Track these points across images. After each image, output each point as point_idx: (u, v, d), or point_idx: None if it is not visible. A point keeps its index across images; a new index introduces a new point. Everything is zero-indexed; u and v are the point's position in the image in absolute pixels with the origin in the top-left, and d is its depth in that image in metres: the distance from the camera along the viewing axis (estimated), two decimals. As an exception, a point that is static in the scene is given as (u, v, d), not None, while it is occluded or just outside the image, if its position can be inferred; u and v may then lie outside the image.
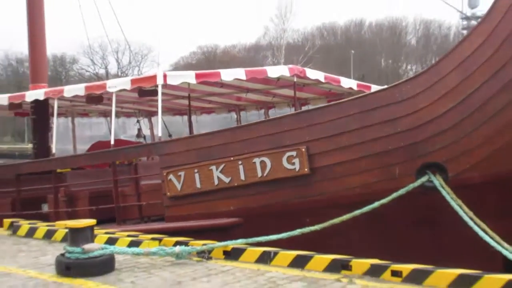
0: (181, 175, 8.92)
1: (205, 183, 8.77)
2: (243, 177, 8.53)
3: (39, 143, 13.82)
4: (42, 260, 7.46)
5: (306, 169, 8.16)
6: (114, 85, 10.24)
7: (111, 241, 7.82)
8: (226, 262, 7.00)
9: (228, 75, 9.87)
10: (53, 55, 69.22)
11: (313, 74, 10.64)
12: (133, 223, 9.92)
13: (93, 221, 6.89)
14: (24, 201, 11.27)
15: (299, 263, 6.57)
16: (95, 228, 7.00)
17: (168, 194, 9.07)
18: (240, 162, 8.52)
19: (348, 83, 11.84)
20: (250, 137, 8.55)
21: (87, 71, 76.53)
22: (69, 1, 20.97)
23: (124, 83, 10.20)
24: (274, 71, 10.14)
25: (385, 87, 8.48)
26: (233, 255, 7.15)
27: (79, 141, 17.14)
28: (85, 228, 6.68)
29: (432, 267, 5.79)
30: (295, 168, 8.22)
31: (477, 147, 7.41)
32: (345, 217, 7.42)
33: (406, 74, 68.48)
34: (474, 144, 7.41)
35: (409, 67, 76.82)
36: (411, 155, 7.69)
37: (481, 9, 55.56)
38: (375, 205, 7.36)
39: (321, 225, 7.39)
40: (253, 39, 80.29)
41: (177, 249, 7.05)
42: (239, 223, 8.61)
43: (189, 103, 12.98)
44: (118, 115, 15.47)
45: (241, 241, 7.27)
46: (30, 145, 25.17)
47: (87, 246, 6.54)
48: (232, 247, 7.21)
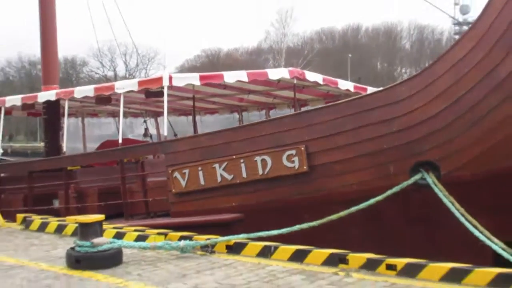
0: (185, 173, 8.91)
1: (208, 180, 8.77)
2: (244, 175, 8.53)
3: (50, 142, 13.83)
4: (53, 253, 7.46)
5: (305, 167, 8.15)
6: (122, 87, 10.24)
7: (119, 236, 7.82)
8: (228, 256, 7.00)
9: (230, 77, 9.87)
10: (64, 57, 69.35)
11: (312, 76, 10.64)
12: (140, 218, 9.92)
13: (101, 216, 6.90)
14: (36, 197, 11.28)
15: (298, 257, 6.56)
16: (103, 223, 7.01)
17: (173, 190, 9.08)
18: (242, 160, 8.51)
19: (345, 85, 11.82)
20: (251, 137, 8.55)
21: (96, 73, 76.62)
22: (80, 7, 20.93)
23: (131, 84, 10.20)
24: (274, 74, 10.13)
25: (381, 89, 8.47)
26: (235, 249, 7.15)
27: (89, 140, 17.16)
28: (94, 223, 6.68)
29: (425, 261, 5.78)
30: (295, 166, 8.22)
31: (468, 146, 7.39)
32: (342, 214, 7.41)
33: (400, 76, 68.39)
34: (465, 143, 7.40)
35: (403, 70, 76.76)
36: (405, 154, 7.68)
37: (472, 15, 55.53)
38: (371, 201, 7.35)
39: (319, 221, 7.39)
40: (254, 43, 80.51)
41: (182, 243, 7.05)
42: (240, 219, 8.60)
43: (194, 104, 12.99)
44: (125, 115, 15.48)
45: (243, 236, 7.26)
46: (42, 144, 25.16)
47: (96, 240, 6.55)
48: (234, 241, 7.20)
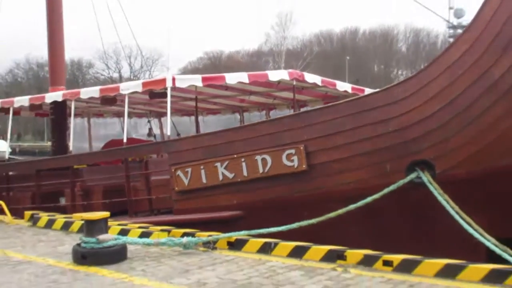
0: (188, 171, 8.91)
1: (210, 179, 8.77)
2: (245, 173, 8.53)
3: (57, 141, 13.83)
4: (60, 249, 7.47)
5: (304, 166, 8.15)
6: (126, 88, 10.25)
7: (124, 232, 7.82)
8: (230, 252, 7.00)
9: (232, 78, 9.87)
10: (71, 59, 69.30)
11: (311, 78, 10.64)
12: (144, 216, 9.92)
13: (107, 214, 6.91)
14: (43, 195, 11.29)
15: (298, 253, 6.56)
16: (108, 220, 7.01)
17: (176, 188, 9.08)
18: (243, 159, 8.51)
19: (343, 86, 11.82)
20: (252, 136, 8.55)
21: (102, 75, 76.56)
22: (86, 10, 20.97)
23: (136, 86, 10.20)
24: (275, 75, 10.14)
25: (378, 90, 8.46)
26: (236, 245, 7.15)
27: (94, 140, 17.16)
28: (99, 220, 6.69)
29: (420, 257, 5.78)
30: (294, 165, 8.21)
31: (463, 146, 7.39)
32: (340, 211, 7.41)
33: (397, 78, 68.28)
34: (460, 143, 7.39)
35: (400, 72, 76.69)
36: (401, 153, 7.67)
37: (466, 19, 55.41)
38: (368, 200, 7.35)
39: (317, 219, 7.39)
40: (255, 46, 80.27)
41: (185, 240, 7.05)
42: (241, 216, 8.60)
43: (196, 104, 12.99)
44: (130, 115, 15.47)
45: (244, 232, 7.27)
46: (49, 143, 25.17)
47: (102, 236, 6.56)
48: (235, 238, 7.20)
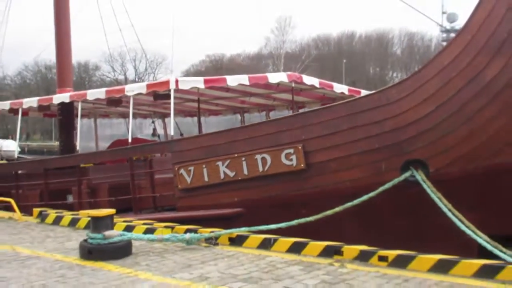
0: (191, 170, 8.91)
1: (212, 177, 8.76)
2: (246, 172, 8.52)
3: (65, 141, 13.83)
4: (67, 245, 7.46)
5: (302, 165, 8.14)
6: (131, 90, 10.25)
7: (129, 229, 7.81)
8: (231, 247, 6.99)
9: (233, 80, 9.87)
10: (78, 62, 69.22)
11: (309, 80, 10.62)
12: (148, 213, 9.92)
13: (112, 211, 6.90)
14: (51, 193, 11.29)
15: (296, 249, 6.56)
16: (114, 216, 7.01)
17: (179, 186, 9.07)
18: (243, 158, 8.51)
19: (340, 88, 11.81)
20: (252, 136, 8.54)
21: (108, 77, 76.47)
22: (93, 15, 20.95)
23: (140, 87, 10.20)
24: (274, 77, 10.13)
25: (373, 92, 8.46)
26: (237, 241, 7.14)
27: (101, 139, 17.16)
28: (105, 216, 6.68)
29: (414, 253, 5.78)
30: (293, 164, 8.21)
31: (455, 145, 7.38)
32: (337, 209, 7.40)
33: (392, 80, 68.19)
34: (453, 142, 7.39)
35: (394, 74, 76.57)
36: (396, 153, 7.67)
37: (459, 23, 55.39)
38: (364, 198, 7.35)
39: (315, 216, 7.39)
40: (255, 49, 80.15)
41: (188, 236, 7.05)
42: (242, 213, 8.60)
43: (199, 105, 12.98)
44: (135, 116, 15.45)
45: (244, 229, 7.26)
46: (57, 143, 25.19)
47: (107, 232, 6.55)
48: (236, 234, 7.20)
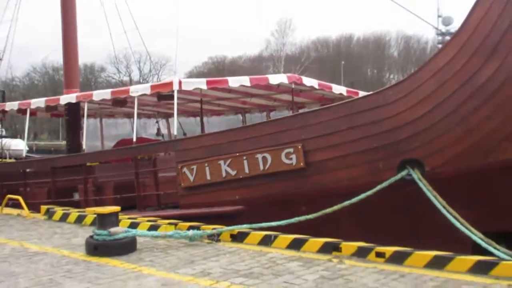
0: (193, 168, 8.91)
1: (214, 176, 8.76)
2: (247, 171, 8.52)
3: (71, 140, 13.84)
4: (73, 241, 7.47)
5: (301, 164, 8.14)
6: (136, 90, 10.26)
7: (133, 225, 7.82)
8: (232, 244, 6.99)
9: (235, 82, 9.86)
10: (84, 64, 69.15)
11: (308, 81, 10.61)
12: (152, 210, 9.92)
13: (117, 208, 6.90)
14: (58, 190, 11.29)
15: (296, 245, 6.55)
16: (119, 214, 7.01)
17: (182, 185, 9.07)
18: (244, 157, 8.50)
19: (338, 89, 11.80)
20: (253, 136, 8.54)
21: (113, 78, 76.35)
22: (99, 19, 20.95)
23: (145, 88, 10.20)
24: (274, 79, 10.12)
25: (371, 93, 8.45)
26: (238, 238, 7.14)
27: (106, 139, 17.17)
28: (111, 214, 6.69)
29: (411, 249, 5.78)
30: (292, 162, 8.20)
31: (450, 145, 7.37)
32: (336, 207, 7.40)
33: (389, 82, 68.08)
34: (448, 142, 7.38)
35: (391, 76, 76.41)
36: (392, 152, 7.66)
37: (454, 26, 55.21)
38: (362, 196, 7.35)
39: (315, 214, 7.39)
40: (256, 51, 79.77)
41: (190, 232, 7.05)
42: (243, 211, 8.60)
43: (201, 106, 12.97)
44: (139, 116, 15.48)
45: (245, 226, 7.26)
46: (64, 142, 25.17)
47: (113, 229, 6.55)
48: (238, 231, 7.20)
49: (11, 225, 9.11)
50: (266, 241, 6.86)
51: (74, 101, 11.58)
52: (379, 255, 5.86)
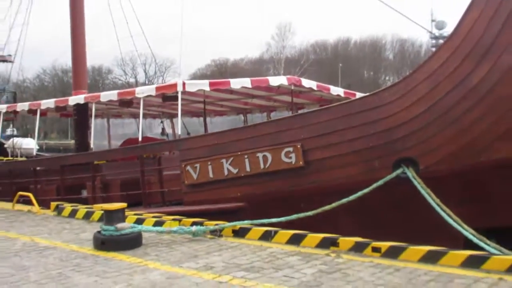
0: (197, 167, 8.91)
1: (216, 174, 8.76)
2: (248, 169, 8.52)
3: (80, 140, 13.86)
4: (82, 236, 7.47)
5: (301, 162, 8.14)
6: (142, 92, 10.25)
7: (139, 221, 7.82)
8: (234, 239, 6.99)
9: (236, 83, 9.86)
10: (92, 66, 69.10)
11: (307, 83, 10.60)
12: (157, 207, 9.92)
13: (124, 204, 6.90)
14: (67, 188, 11.30)
15: (295, 240, 6.55)
16: (125, 210, 7.01)
17: (186, 182, 9.07)
18: (246, 156, 8.50)
19: (336, 91, 11.79)
20: (254, 135, 8.54)
21: (120, 80, 76.37)
22: (106, 23, 20.97)
23: (150, 90, 10.20)
24: (275, 81, 10.11)
25: (367, 94, 8.45)
26: (240, 233, 7.14)
27: (113, 138, 17.17)
28: (117, 210, 6.69)
29: (406, 244, 5.78)
30: (292, 161, 8.20)
31: (444, 145, 7.37)
32: (334, 205, 7.41)
33: (384, 84, 67.97)
34: (441, 142, 7.38)
35: (387, 78, 76.33)
36: (388, 151, 7.66)
37: (447, 31, 55.16)
38: (359, 194, 7.35)
39: (314, 211, 7.39)
40: (257, 54, 79.73)
41: (194, 228, 7.05)
42: (244, 207, 8.60)
43: (204, 107, 12.96)
44: (145, 116, 15.46)
45: (247, 222, 7.26)
46: (72, 141, 25.15)
47: (119, 225, 6.56)
48: (239, 226, 7.20)
49: (22, 220, 9.12)
50: (266, 237, 6.86)
51: (82, 102, 11.58)
52: (375, 250, 5.87)
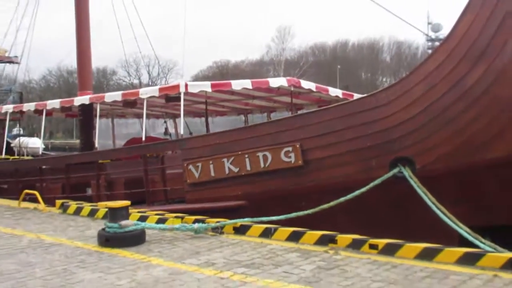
0: (198, 166, 8.91)
1: (218, 172, 8.76)
2: (248, 168, 8.52)
3: (85, 139, 13.85)
4: (86, 233, 7.48)
5: (300, 162, 8.14)
6: (145, 92, 10.25)
7: (142, 219, 7.82)
8: (235, 236, 6.99)
9: (237, 85, 9.86)
10: (97, 68, 69.02)
11: (306, 84, 10.60)
12: (160, 204, 9.92)
13: (128, 202, 6.91)
14: (72, 186, 11.30)
15: (295, 238, 6.55)
16: (129, 208, 7.01)
17: (188, 181, 9.07)
18: (246, 155, 8.50)
19: (335, 92, 11.79)
20: (254, 135, 8.54)
21: (124, 81, 76.29)
22: (111, 25, 20.99)
23: (153, 90, 10.20)
24: (275, 82, 10.12)
25: (365, 95, 8.45)
26: (241, 230, 7.14)
27: (117, 138, 17.16)
28: (121, 207, 6.70)
29: (402, 241, 5.78)
30: (291, 160, 8.20)
31: (439, 145, 7.37)
32: (332, 203, 7.40)
33: (382, 85, 67.90)
34: (437, 142, 7.37)
35: (384, 79, 76.20)
36: (385, 151, 7.66)
37: (443, 33, 55.10)
38: (356, 193, 7.35)
39: (313, 210, 7.39)
40: (258, 56, 79.69)
41: (196, 225, 7.05)
42: (245, 205, 8.60)
43: (206, 107, 12.97)
44: (148, 116, 15.45)
45: (247, 219, 7.26)
46: (77, 141, 25.19)
47: (123, 222, 6.56)
48: (240, 224, 7.20)
49: (28, 218, 9.12)
50: (266, 234, 6.86)
51: (87, 102, 11.58)
52: (373, 247, 5.86)
